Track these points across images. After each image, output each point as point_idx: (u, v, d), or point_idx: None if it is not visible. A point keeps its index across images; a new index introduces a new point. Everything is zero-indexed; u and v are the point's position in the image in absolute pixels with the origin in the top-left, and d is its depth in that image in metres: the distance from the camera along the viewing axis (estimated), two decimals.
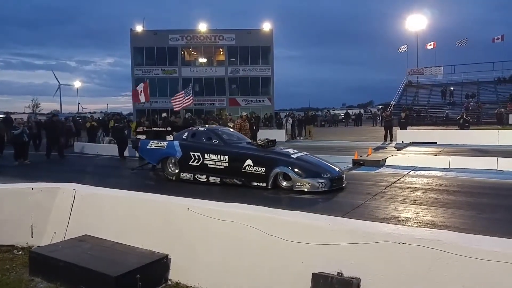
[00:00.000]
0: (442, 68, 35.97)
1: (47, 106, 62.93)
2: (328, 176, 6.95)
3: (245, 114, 14.04)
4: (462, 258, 2.24)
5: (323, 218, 3.05)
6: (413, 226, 4.80)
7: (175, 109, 13.55)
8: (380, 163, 9.76)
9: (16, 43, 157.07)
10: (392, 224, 4.86)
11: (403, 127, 17.63)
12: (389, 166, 9.59)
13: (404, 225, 4.84)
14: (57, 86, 54.50)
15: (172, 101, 13.39)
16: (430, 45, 36.98)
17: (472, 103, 29.28)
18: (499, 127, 21.31)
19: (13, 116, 22.36)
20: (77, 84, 65.67)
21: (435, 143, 15.04)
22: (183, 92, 13.09)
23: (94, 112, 51.06)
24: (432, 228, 4.67)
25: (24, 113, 43.51)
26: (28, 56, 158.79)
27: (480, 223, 4.92)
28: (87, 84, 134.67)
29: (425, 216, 5.16)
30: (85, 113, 51.78)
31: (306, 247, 2.87)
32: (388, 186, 7.20)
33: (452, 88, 33.98)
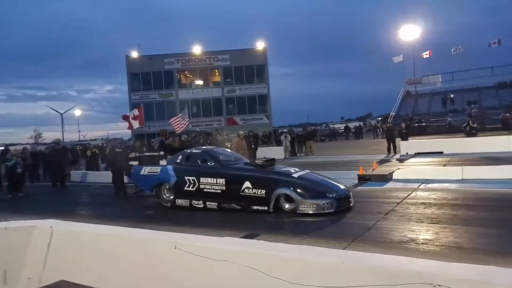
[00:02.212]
0: (440, 76, 35.80)
1: (50, 135, 62.79)
2: (334, 195, 6.40)
3: (242, 133, 13.64)
4: None
5: (335, 254, 2.51)
6: (434, 250, 4.23)
7: (177, 132, 13.24)
8: (387, 178, 9.22)
9: (18, 77, 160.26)
10: (411, 247, 4.32)
11: (404, 138, 17.16)
12: (397, 180, 9.04)
13: (425, 249, 4.27)
14: (60, 115, 54.54)
15: (172, 125, 13.13)
16: (426, 54, 36.93)
17: (474, 110, 28.85)
18: (505, 132, 20.80)
19: (12, 148, 22.02)
20: (77, 112, 65.57)
21: (442, 152, 14.49)
22: (180, 115, 12.81)
23: (95, 139, 50.79)
24: (457, 251, 4.12)
25: (27, 144, 43.42)
26: (30, 89, 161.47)
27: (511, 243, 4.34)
28: (88, 112, 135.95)
29: (447, 237, 4.59)
30: (85, 140, 51.48)
31: None
32: (399, 203, 6.64)
33: (452, 96, 33.69)
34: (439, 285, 1.96)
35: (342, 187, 6.84)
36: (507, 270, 2.00)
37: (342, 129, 38.68)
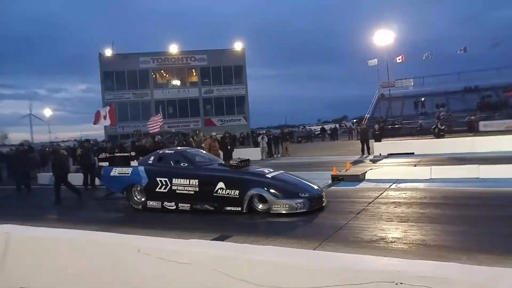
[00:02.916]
0: (412, 80, 37.06)
1: (17, 137, 59.15)
2: (306, 195, 6.41)
3: (214, 134, 13.43)
4: None
5: (300, 254, 2.48)
6: (402, 247, 4.31)
7: (150, 131, 12.95)
8: (359, 178, 9.37)
9: None
10: (380, 246, 4.38)
11: (378, 139, 17.56)
12: (370, 180, 9.20)
13: (393, 247, 4.34)
14: (27, 114, 52.09)
15: (148, 125, 12.89)
16: (399, 59, 38.12)
17: (443, 113, 30.04)
18: (470, 134, 21.76)
19: None
20: (47, 112, 62.44)
21: (413, 153, 14.96)
22: (154, 115, 12.60)
23: (68, 141, 48.87)
24: (424, 248, 4.20)
25: None
26: None
27: (474, 239, 4.50)
28: (60, 112, 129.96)
29: (415, 235, 4.69)
30: (57, 142, 49.43)
31: None
32: (370, 203, 6.74)
33: (423, 99, 34.90)
34: (401, 283, 1.96)
35: (315, 187, 6.87)
36: (466, 267, 2.03)
37: (318, 130, 39.24)
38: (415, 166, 11.25)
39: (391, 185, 8.33)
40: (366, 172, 9.79)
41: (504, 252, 3.77)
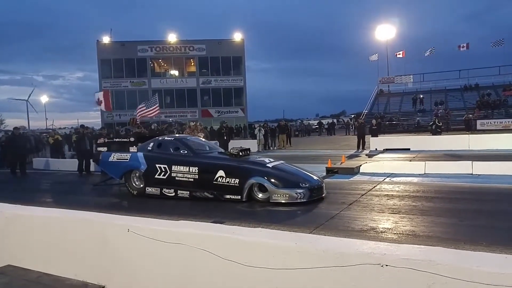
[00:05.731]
0: (412, 76, 37.05)
1: (13, 122, 58.60)
2: (307, 185, 6.42)
3: (193, 123, 12.15)
4: (462, 283, 1.76)
5: (289, 236, 2.50)
6: (392, 237, 4.35)
7: (138, 118, 12.61)
8: (354, 171, 9.41)
9: None
10: (370, 235, 4.43)
11: (375, 135, 17.62)
12: (364, 174, 9.26)
13: (383, 237, 4.39)
14: (24, 102, 51.62)
15: (138, 113, 12.72)
16: (399, 54, 38.03)
17: (441, 110, 30.09)
18: (467, 132, 21.85)
19: None
20: (43, 99, 61.79)
21: (409, 149, 15.04)
22: (144, 104, 12.38)
23: (64, 128, 48.67)
24: (413, 238, 4.25)
25: None
26: None
27: (463, 231, 4.56)
28: (56, 99, 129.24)
29: (405, 226, 4.74)
30: (53, 129, 49.16)
31: (268, 273, 2.33)
32: (363, 194, 6.78)
33: (422, 96, 34.92)
34: (386, 265, 2.00)
35: (315, 177, 6.88)
36: (449, 250, 2.06)
37: (316, 125, 39.31)
38: (410, 161, 11.31)
39: (385, 179, 8.38)
40: (360, 165, 9.84)
41: (491, 243, 3.83)
